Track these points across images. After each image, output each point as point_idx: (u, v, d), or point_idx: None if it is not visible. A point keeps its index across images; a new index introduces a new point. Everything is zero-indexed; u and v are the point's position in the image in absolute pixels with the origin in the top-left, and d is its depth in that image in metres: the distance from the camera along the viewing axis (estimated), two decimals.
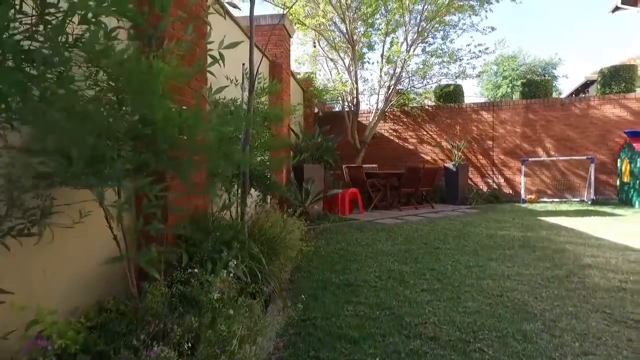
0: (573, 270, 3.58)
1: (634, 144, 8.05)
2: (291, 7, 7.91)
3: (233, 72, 4.25)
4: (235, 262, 2.59)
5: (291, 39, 7.85)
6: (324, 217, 7.03)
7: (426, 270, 3.65)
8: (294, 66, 10.04)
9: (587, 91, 15.75)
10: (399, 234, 5.52)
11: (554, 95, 19.03)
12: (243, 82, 3.90)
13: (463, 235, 5.31)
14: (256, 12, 4.25)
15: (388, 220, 6.99)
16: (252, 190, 4.27)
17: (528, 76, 28.39)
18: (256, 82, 4.54)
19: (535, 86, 10.12)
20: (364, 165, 9.53)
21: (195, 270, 2.34)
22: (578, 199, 9.39)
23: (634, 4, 16.03)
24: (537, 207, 8.62)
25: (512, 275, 3.47)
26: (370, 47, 10.16)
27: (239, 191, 3.54)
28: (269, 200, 5.75)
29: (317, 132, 7.34)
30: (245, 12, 3.69)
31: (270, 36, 7.02)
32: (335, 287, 3.22)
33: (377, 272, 3.60)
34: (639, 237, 5.02)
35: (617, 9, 16.56)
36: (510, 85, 28.83)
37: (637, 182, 7.95)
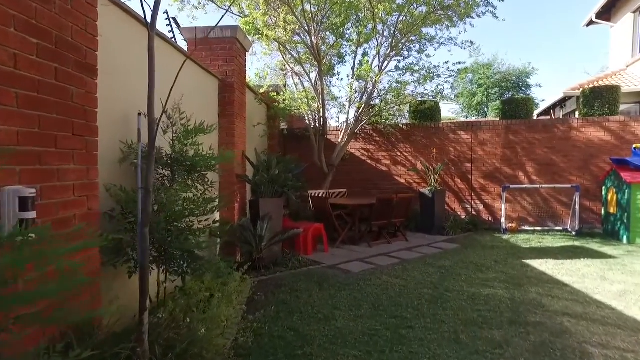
0: None
1: (622, 173, 7.43)
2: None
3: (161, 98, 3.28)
4: None
5: (247, 53, 6.88)
6: (283, 260, 6.08)
7: None
8: (255, 81, 9.07)
9: (565, 105, 15.35)
10: (366, 294, 4.63)
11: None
12: (138, 134, 2.93)
13: (441, 298, 4.46)
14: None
15: (355, 264, 6.10)
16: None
17: (503, 84, 28.38)
18: (179, 120, 3.58)
19: (516, 105, 9.45)
20: (330, 191, 8.68)
21: None
22: (561, 228, 8.76)
23: (608, 19, 15.83)
24: (519, 239, 7.91)
25: None
26: (341, 57, 9.28)
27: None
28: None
29: (274, 163, 6.37)
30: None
31: (220, 51, 6.06)
32: None
33: None
34: None
35: (591, 22, 16.35)
36: (486, 93, 28.69)
37: (625, 214, 7.33)
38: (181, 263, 3.06)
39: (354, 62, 8.80)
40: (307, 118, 8.90)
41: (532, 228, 8.88)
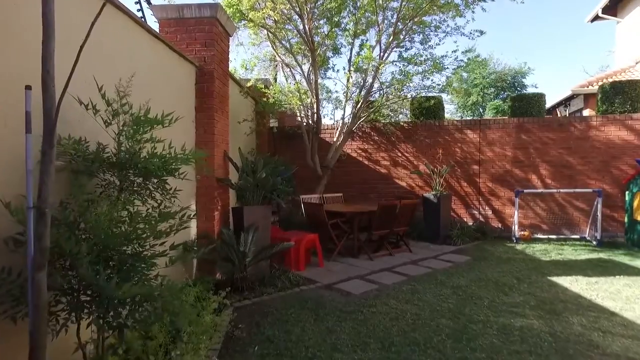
0: None
1: None
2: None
3: (104, 82, 2.37)
4: None
5: (232, 40, 5.99)
6: (270, 278, 5.17)
7: None
8: (241, 73, 8.16)
9: (569, 104, 14.65)
10: (372, 327, 3.74)
11: None
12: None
13: (465, 332, 3.59)
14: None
15: (355, 283, 5.22)
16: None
17: (498, 84, 27.70)
18: (120, 107, 2.68)
19: (527, 102, 8.65)
20: (325, 195, 7.80)
21: None
22: (578, 236, 7.96)
23: (614, 15, 15.15)
24: (536, 250, 7.09)
25: None
26: (336, 50, 8.39)
27: None
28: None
29: (260, 165, 5.46)
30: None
31: (197, 33, 5.15)
32: None
33: None
34: None
35: (596, 18, 15.66)
36: (481, 93, 28.00)
37: None
38: (119, 311, 2.14)
39: (351, 54, 7.92)
40: (299, 114, 8.02)
41: (547, 236, 8.08)
